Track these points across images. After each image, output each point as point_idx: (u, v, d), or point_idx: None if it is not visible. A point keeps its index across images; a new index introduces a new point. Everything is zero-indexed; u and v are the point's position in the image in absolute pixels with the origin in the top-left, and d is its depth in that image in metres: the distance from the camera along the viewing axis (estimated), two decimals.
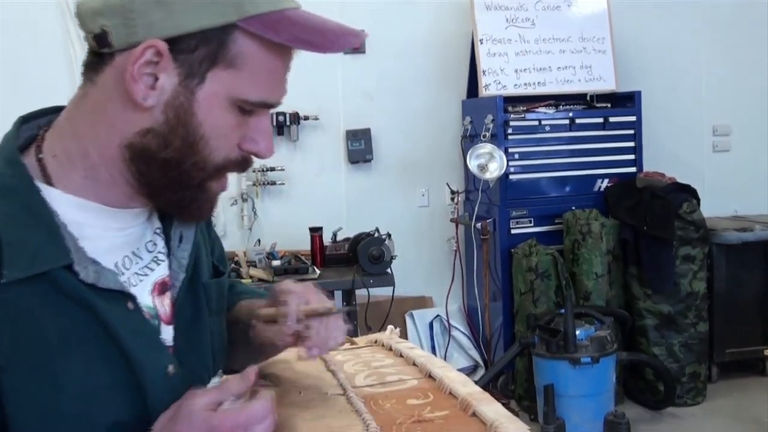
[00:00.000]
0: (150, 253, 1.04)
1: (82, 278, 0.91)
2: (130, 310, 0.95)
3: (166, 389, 0.95)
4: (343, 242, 4.01)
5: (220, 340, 1.12)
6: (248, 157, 0.99)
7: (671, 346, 4.06)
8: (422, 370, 1.12)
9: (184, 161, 0.94)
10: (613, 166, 4.34)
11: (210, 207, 1.02)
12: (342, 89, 4.54)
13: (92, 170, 0.96)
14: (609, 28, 4.47)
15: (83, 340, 0.90)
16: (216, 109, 0.94)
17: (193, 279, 1.07)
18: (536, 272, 3.96)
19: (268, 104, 0.98)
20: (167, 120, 0.93)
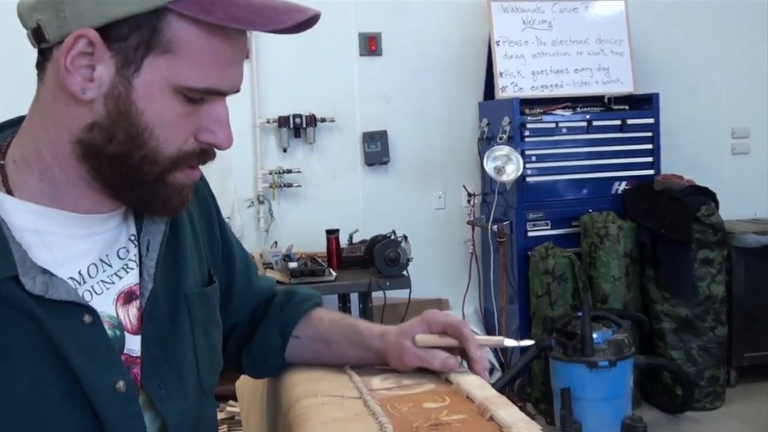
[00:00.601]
0: (121, 260, 1.00)
1: (28, 290, 0.88)
2: (86, 322, 0.92)
3: (117, 405, 0.92)
4: (360, 244, 4.00)
5: (208, 353, 1.08)
6: (207, 148, 0.95)
7: (689, 350, 4.03)
8: (439, 373, 1.11)
9: (131, 155, 0.90)
10: (630, 168, 4.32)
11: (180, 201, 0.97)
12: (358, 91, 4.54)
13: (47, 172, 0.93)
14: (627, 30, 4.45)
15: (29, 353, 0.88)
16: (157, 98, 0.89)
17: (171, 288, 1.04)
18: (553, 275, 3.94)
19: (217, 91, 0.92)
20: (108, 112, 0.89)
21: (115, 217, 1.00)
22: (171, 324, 1.03)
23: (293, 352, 1.22)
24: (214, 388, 1.12)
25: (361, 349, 1.17)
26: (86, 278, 0.96)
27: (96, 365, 0.91)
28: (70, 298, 0.91)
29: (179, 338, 1.03)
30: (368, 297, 3.79)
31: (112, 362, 0.94)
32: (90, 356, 0.91)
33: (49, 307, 0.89)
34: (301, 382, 1.13)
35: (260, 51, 4.37)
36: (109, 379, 0.92)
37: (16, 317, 0.88)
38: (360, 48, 4.52)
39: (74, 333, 0.91)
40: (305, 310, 1.24)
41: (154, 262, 1.01)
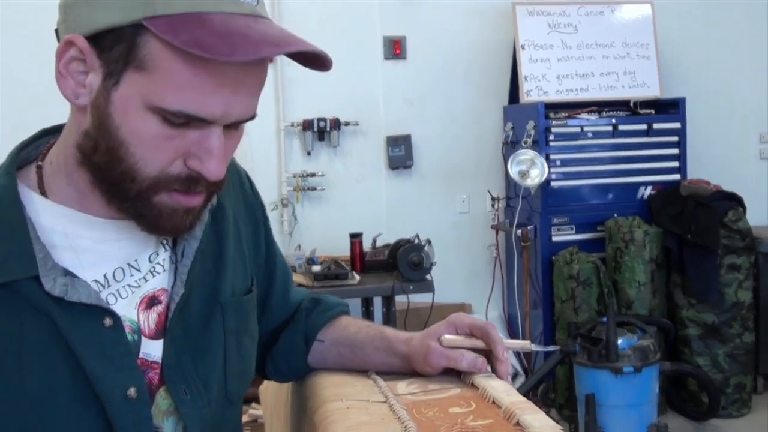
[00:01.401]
0: (150, 264, 1.00)
1: (47, 290, 0.89)
2: (106, 326, 0.92)
3: (127, 411, 0.92)
4: (383, 248, 4.00)
5: (239, 363, 1.08)
6: (195, 175, 0.89)
7: (716, 357, 3.99)
8: (465, 378, 1.10)
9: (112, 168, 0.88)
10: (656, 173, 4.29)
11: (172, 224, 0.93)
12: (383, 95, 4.54)
13: (71, 177, 0.94)
14: (653, 34, 4.42)
15: (43, 353, 0.89)
16: (131, 114, 0.86)
17: (207, 295, 1.03)
18: (578, 280, 3.92)
19: (196, 118, 0.86)
20: (93, 121, 0.89)
21: None
22: (203, 331, 1.02)
23: (317, 356, 1.22)
24: (241, 398, 1.12)
25: (386, 354, 1.17)
26: (111, 282, 0.96)
27: (110, 369, 0.91)
28: (90, 301, 0.91)
29: (209, 346, 1.03)
30: (391, 301, 3.78)
31: (128, 367, 0.94)
32: (105, 360, 0.91)
33: (68, 309, 0.90)
34: (326, 387, 1.12)
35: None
36: (122, 384, 0.92)
37: (34, 317, 0.89)
38: (384, 52, 4.52)
39: (92, 336, 0.91)
40: (331, 316, 1.24)
41: (187, 269, 1.00)
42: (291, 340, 1.21)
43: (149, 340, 0.97)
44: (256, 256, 1.17)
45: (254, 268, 1.16)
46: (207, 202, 0.97)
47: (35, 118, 1.04)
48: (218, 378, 1.03)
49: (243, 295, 1.10)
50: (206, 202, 0.96)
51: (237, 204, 1.14)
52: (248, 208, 1.17)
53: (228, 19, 0.85)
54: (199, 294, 1.02)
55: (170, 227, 0.93)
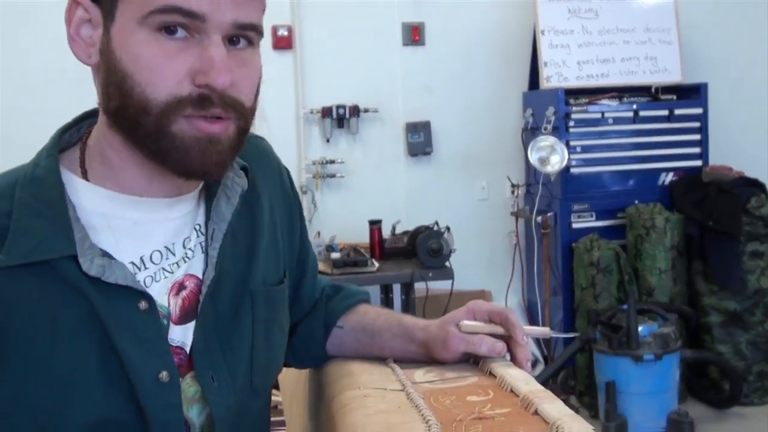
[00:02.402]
0: (184, 249, 1.00)
1: (84, 270, 0.89)
2: (141, 309, 0.92)
3: (157, 395, 0.92)
4: (402, 235, 4.00)
5: (267, 353, 1.07)
6: (206, 93, 0.89)
7: (737, 344, 3.96)
8: (483, 366, 1.10)
9: (126, 108, 0.89)
10: (678, 159, 4.25)
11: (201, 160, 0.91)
12: (402, 82, 4.53)
13: (104, 155, 0.96)
14: (675, 19, 4.37)
15: (76, 332, 0.90)
16: (129, 40, 0.88)
17: (238, 282, 1.03)
18: (598, 267, 3.90)
19: (183, 10, 0.86)
20: (102, 70, 0.91)
21: (182, 204, 1.00)
22: (232, 318, 1.02)
23: (335, 342, 1.22)
24: (267, 389, 1.11)
25: (404, 341, 1.16)
26: (148, 264, 0.97)
27: (142, 352, 0.92)
28: (126, 283, 0.91)
29: (237, 333, 1.02)
30: (411, 288, 3.78)
31: (161, 350, 0.94)
32: (138, 342, 0.92)
33: (104, 290, 0.91)
34: (343, 375, 1.12)
35: (303, 42, 4.38)
36: (154, 367, 0.92)
37: (70, 296, 0.90)
38: (403, 38, 4.51)
39: (126, 318, 0.92)
40: (351, 303, 1.24)
41: (216, 251, 1.00)
42: (311, 327, 1.21)
43: (174, 326, 0.97)
44: (290, 249, 1.17)
45: (288, 261, 1.16)
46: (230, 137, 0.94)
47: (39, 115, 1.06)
48: (244, 367, 1.03)
49: (274, 286, 1.10)
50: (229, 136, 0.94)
51: (275, 196, 1.14)
52: (286, 202, 1.17)
53: None
54: (229, 280, 1.02)
55: (197, 164, 0.91)
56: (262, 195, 1.10)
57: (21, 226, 0.90)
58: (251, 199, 1.07)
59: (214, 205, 1.02)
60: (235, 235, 1.03)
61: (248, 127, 0.96)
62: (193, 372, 0.98)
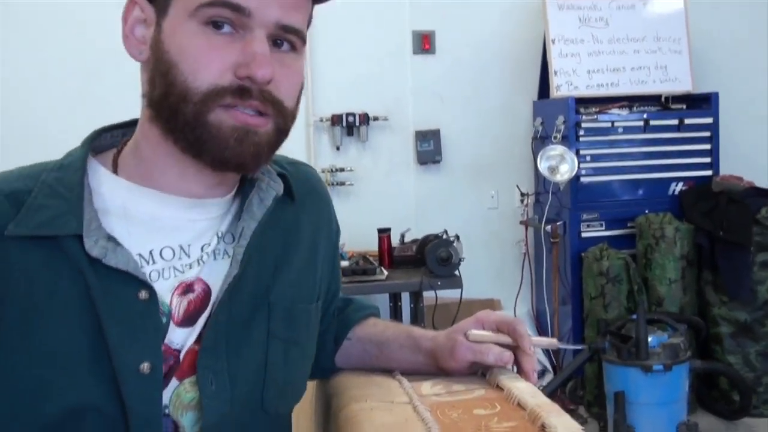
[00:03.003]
0: (200, 252, 1.01)
1: (87, 250, 0.91)
2: (141, 299, 0.93)
3: (137, 385, 0.91)
4: (411, 243, 3.99)
5: (283, 373, 1.05)
6: (246, 85, 0.92)
7: (747, 355, 3.95)
8: (490, 379, 1.10)
9: (168, 96, 0.93)
10: (688, 169, 4.24)
11: (238, 150, 0.93)
12: (411, 90, 4.54)
13: (137, 149, 0.99)
14: (686, 28, 4.37)
15: (70, 312, 0.91)
16: (177, 32, 0.92)
17: (258, 290, 1.03)
18: (607, 277, 3.89)
19: (231, 4, 0.91)
20: (151, 62, 0.95)
21: (204, 208, 1.01)
22: (244, 323, 1.01)
23: (344, 353, 1.22)
24: (282, 412, 1.10)
25: (411, 351, 1.17)
26: (157, 259, 0.98)
27: (129, 341, 0.92)
28: (127, 269, 0.92)
29: (247, 341, 1.01)
30: (419, 297, 3.77)
31: (151, 343, 0.94)
32: (128, 331, 0.92)
33: (104, 274, 0.92)
34: (350, 387, 1.12)
35: (314, 49, 4.39)
36: (137, 357, 0.92)
37: (71, 275, 0.91)
38: (414, 46, 4.51)
39: (122, 304, 0.92)
40: (361, 316, 1.25)
41: (243, 248, 1.01)
42: (321, 339, 1.21)
43: (176, 327, 0.97)
44: (329, 278, 1.20)
45: (324, 288, 1.17)
46: (268, 133, 0.96)
47: None
48: (252, 383, 1.02)
49: (302, 306, 1.09)
50: (267, 131, 0.96)
51: (321, 223, 1.17)
52: (328, 229, 1.19)
53: None
54: (250, 284, 1.02)
55: (233, 153, 0.93)
56: (304, 215, 1.12)
57: (36, 203, 0.93)
58: (290, 216, 1.09)
59: (246, 205, 1.03)
60: (264, 241, 1.04)
61: (287, 128, 0.99)
62: (192, 377, 0.97)
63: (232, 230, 1.04)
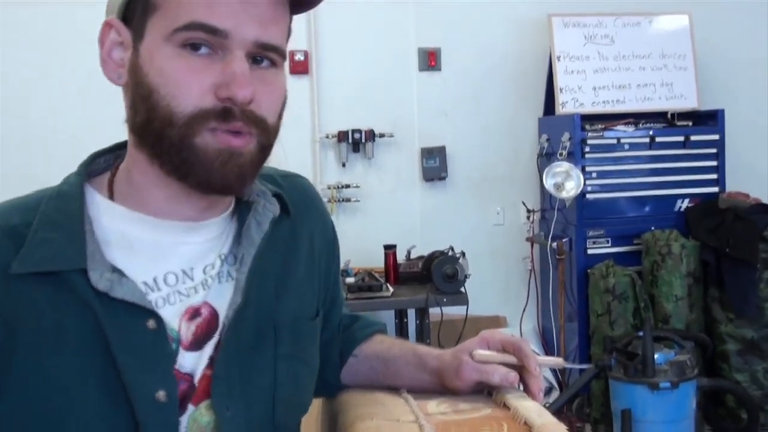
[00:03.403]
0: (204, 275, 1.00)
1: (93, 284, 0.90)
2: (149, 328, 0.93)
3: (154, 414, 0.92)
4: (417, 260, 3.99)
5: (292, 392, 1.06)
6: (229, 107, 0.91)
7: (755, 373, 3.92)
8: (496, 398, 1.09)
9: (152, 121, 0.92)
10: (694, 185, 4.23)
11: (222, 173, 0.92)
12: (417, 107, 4.54)
13: (129, 175, 0.98)
14: (691, 45, 4.38)
15: (81, 345, 0.90)
16: (155, 56, 0.91)
17: (263, 313, 1.03)
18: (613, 294, 3.88)
19: (206, 26, 0.90)
20: (130, 87, 0.95)
21: (204, 230, 1.01)
22: (253, 349, 1.02)
23: (350, 370, 1.22)
24: (293, 428, 1.10)
25: (417, 369, 1.17)
26: (161, 285, 0.97)
27: (143, 370, 0.92)
28: (134, 300, 0.92)
29: (257, 365, 1.02)
30: (425, 313, 3.77)
31: (163, 371, 0.94)
32: (140, 361, 0.92)
33: (111, 306, 0.91)
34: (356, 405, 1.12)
35: (320, 66, 4.41)
36: (152, 386, 0.92)
37: (78, 309, 0.90)
38: (419, 63, 4.52)
39: (132, 335, 0.92)
40: (368, 333, 1.24)
41: (245, 276, 1.01)
42: (327, 356, 1.21)
43: (185, 352, 0.97)
44: (327, 288, 1.19)
45: (322, 300, 1.17)
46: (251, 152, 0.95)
47: None
48: (264, 402, 1.02)
49: (305, 321, 1.10)
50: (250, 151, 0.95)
51: (318, 234, 1.17)
52: (327, 242, 1.19)
53: None
54: (254, 309, 1.02)
55: (218, 176, 0.93)
56: (301, 230, 1.12)
57: (38, 237, 0.92)
58: (286, 232, 1.09)
59: (244, 230, 1.03)
60: (264, 264, 1.03)
61: (270, 144, 0.98)
62: (207, 401, 0.97)
63: (234, 251, 1.04)
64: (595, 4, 4.46)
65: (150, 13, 0.92)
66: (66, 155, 1.03)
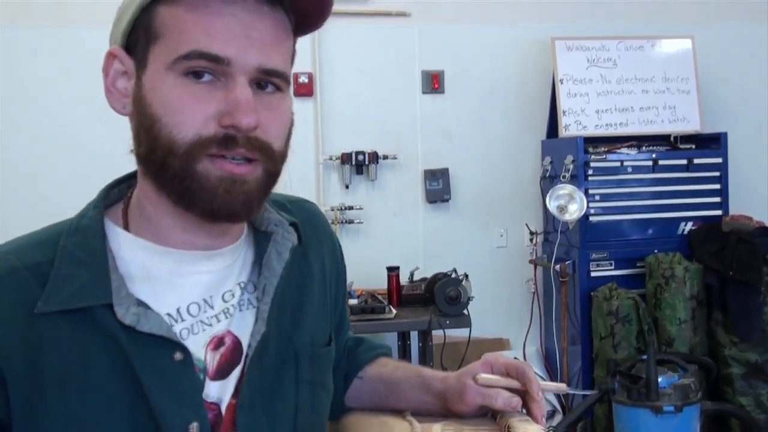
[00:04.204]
0: (224, 304, 1.00)
1: (119, 318, 0.90)
2: (176, 359, 0.93)
3: None
4: (420, 282, 3.99)
5: (312, 415, 1.06)
6: (231, 134, 0.90)
7: (759, 396, 3.91)
8: (500, 421, 1.09)
9: (155, 151, 0.91)
10: (697, 208, 4.24)
11: (227, 199, 0.91)
12: (420, 128, 4.56)
13: (142, 207, 0.97)
14: (694, 68, 4.39)
15: (109, 380, 0.90)
16: (158, 86, 0.90)
17: (283, 340, 1.03)
18: (617, 316, 3.87)
19: (206, 55, 0.89)
20: (135, 117, 0.94)
21: (221, 258, 1.01)
22: (276, 377, 1.02)
23: (354, 393, 1.22)
24: None
25: (421, 392, 1.17)
26: (185, 316, 0.97)
27: (174, 403, 0.91)
28: (161, 333, 0.92)
29: (281, 393, 1.02)
30: (428, 335, 3.76)
31: (193, 403, 0.93)
32: (170, 393, 0.91)
33: (139, 340, 0.91)
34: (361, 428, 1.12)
35: (324, 89, 4.43)
36: (185, 419, 0.92)
37: (104, 344, 0.90)
38: (423, 85, 4.54)
39: (160, 368, 0.91)
40: (372, 356, 1.25)
41: (268, 306, 1.00)
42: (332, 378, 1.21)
43: (210, 381, 0.97)
44: (336, 309, 1.20)
45: (333, 323, 1.18)
46: (257, 179, 0.94)
47: None
48: (286, 428, 1.02)
49: (322, 347, 1.10)
50: (256, 177, 0.94)
51: (327, 259, 1.17)
52: (335, 266, 1.20)
53: None
54: (275, 337, 1.02)
55: (222, 203, 0.91)
56: (312, 256, 1.12)
57: (61, 274, 0.91)
58: (300, 259, 1.09)
59: (265, 260, 1.03)
60: (283, 293, 1.03)
61: (278, 171, 0.97)
62: (233, 430, 0.97)
63: (253, 279, 1.04)
64: (598, 27, 4.48)
65: (152, 42, 0.91)
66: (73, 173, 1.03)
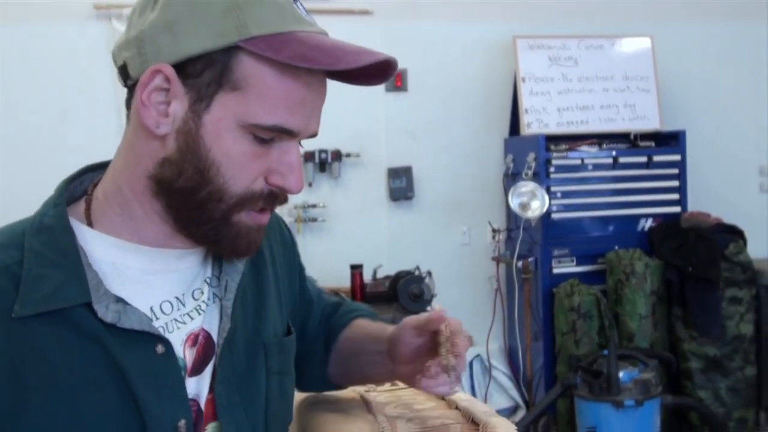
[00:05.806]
0: (195, 301, 1.00)
1: (100, 317, 0.89)
2: (159, 353, 0.93)
3: None
4: (384, 280, 4.00)
5: (280, 404, 1.08)
6: (277, 191, 0.95)
7: (717, 390, 3.97)
8: (465, 414, 1.10)
9: (198, 190, 0.91)
10: (657, 205, 4.29)
11: (247, 244, 0.96)
12: (384, 127, 4.56)
13: (126, 206, 0.95)
14: (653, 67, 4.45)
15: (94, 380, 0.89)
16: (224, 135, 0.90)
17: (250, 334, 1.04)
18: (578, 312, 3.91)
19: (286, 130, 0.92)
20: (179, 147, 0.91)
21: (191, 256, 1.01)
22: (247, 371, 1.02)
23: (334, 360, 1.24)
24: None
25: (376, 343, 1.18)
26: (159, 314, 0.97)
27: (162, 399, 0.92)
28: (142, 328, 0.92)
29: (254, 386, 1.03)
30: None
31: (179, 396, 0.94)
32: (157, 389, 0.91)
33: (120, 336, 0.90)
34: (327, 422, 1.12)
35: None
36: (173, 415, 0.92)
37: (86, 345, 0.89)
38: (386, 84, 4.54)
39: (145, 363, 0.91)
40: (346, 321, 1.26)
41: (230, 302, 1.01)
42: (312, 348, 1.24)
43: (189, 378, 0.97)
44: (291, 297, 1.19)
45: (290, 309, 1.18)
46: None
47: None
48: (261, 418, 1.03)
49: (284, 336, 1.12)
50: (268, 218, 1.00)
51: (275, 248, 1.17)
52: (285, 252, 1.20)
53: (314, 36, 0.92)
54: (242, 332, 1.03)
55: (246, 248, 0.97)
56: (263, 249, 1.12)
57: (33, 275, 0.89)
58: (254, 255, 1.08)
59: (225, 259, 1.03)
60: (244, 289, 1.04)
61: None
62: (214, 423, 0.98)
63: (215, 273, 1.04)
64: (559, 26, 4.52)
65: (226, 89, 0.89)
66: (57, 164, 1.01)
